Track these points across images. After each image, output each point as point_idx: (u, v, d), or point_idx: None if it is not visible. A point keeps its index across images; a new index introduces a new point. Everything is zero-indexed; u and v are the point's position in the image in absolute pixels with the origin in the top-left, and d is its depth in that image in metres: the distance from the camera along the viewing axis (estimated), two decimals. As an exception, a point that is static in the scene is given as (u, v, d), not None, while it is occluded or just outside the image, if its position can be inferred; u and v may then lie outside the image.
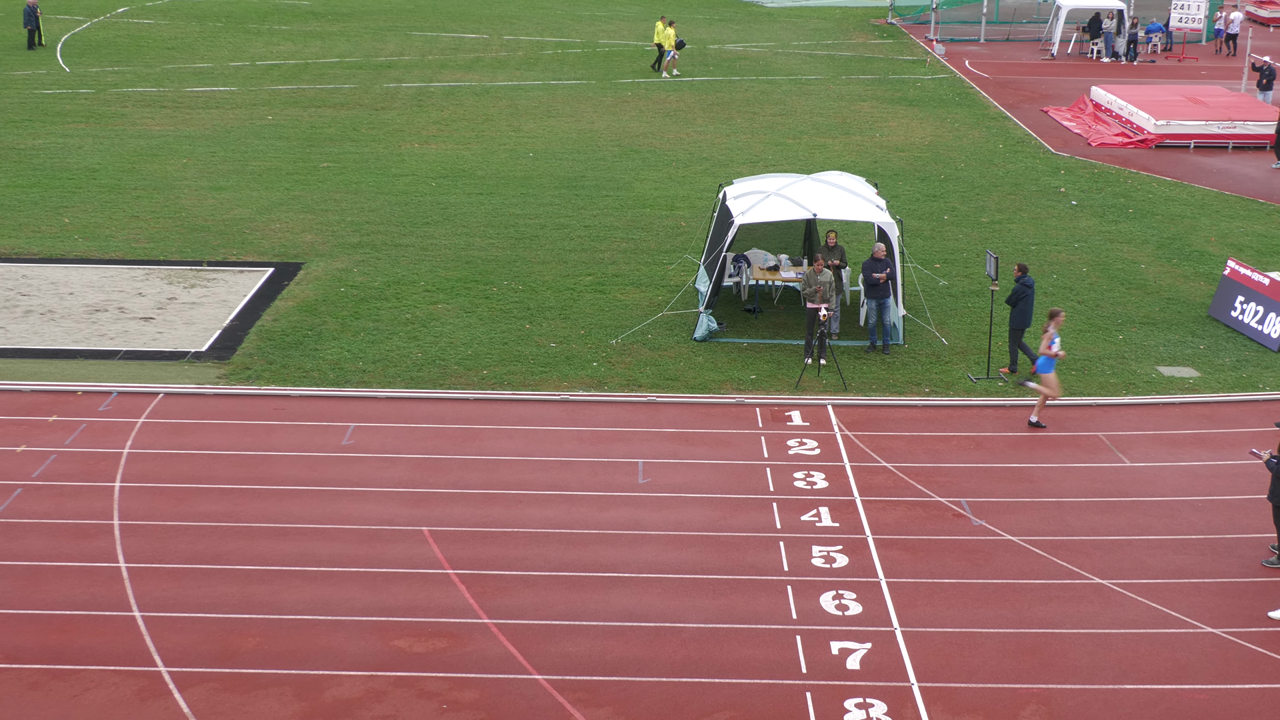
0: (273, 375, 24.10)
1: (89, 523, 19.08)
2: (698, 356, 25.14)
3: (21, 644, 16.26)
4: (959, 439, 22.15)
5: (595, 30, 65.02)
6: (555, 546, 18.65)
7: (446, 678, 15.80)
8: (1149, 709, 15.46)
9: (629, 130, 43.74)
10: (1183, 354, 25.78)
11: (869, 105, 48.30)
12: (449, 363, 24.70)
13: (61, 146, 40.36)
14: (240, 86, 50.01)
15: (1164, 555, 18.73)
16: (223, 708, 15.19)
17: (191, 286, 28.47)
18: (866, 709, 15.36)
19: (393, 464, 20.97)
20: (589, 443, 21.79)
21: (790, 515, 19.64)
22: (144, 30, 62.66)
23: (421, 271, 29.60)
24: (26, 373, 24.10)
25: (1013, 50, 61.87)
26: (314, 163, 38.93)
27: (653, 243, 31.90)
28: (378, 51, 57.97)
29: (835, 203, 26.50)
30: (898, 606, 17.39)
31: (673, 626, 16.86)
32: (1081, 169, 39.70)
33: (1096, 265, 30.82)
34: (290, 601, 17.24)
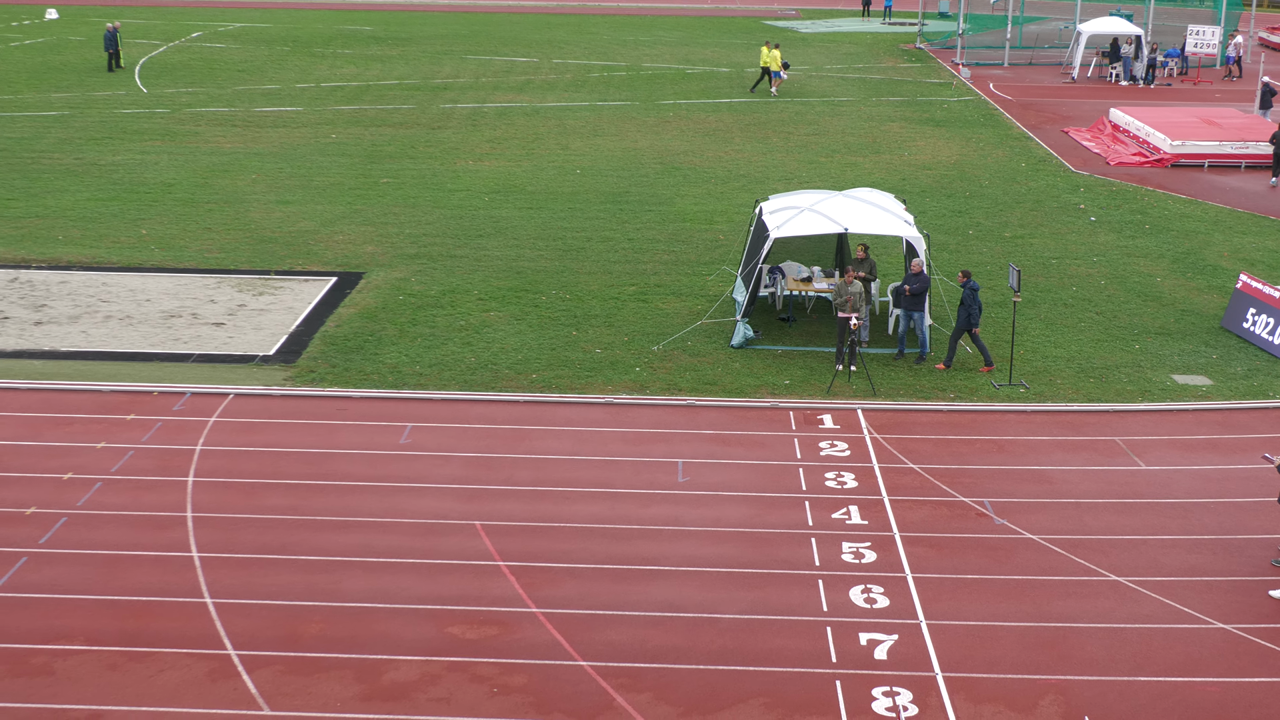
0: (335, 378, 24.24)
1: (164, 514, 19.24)
2: (735, 362, 25.14)
3: (101, 627, 16.42)
4: (982, 442, 22.08)
5: (639, 55, 65.07)
6: (600, 541, 18.70)
7: (497, 663, 15.86)
8: (1162, 700, 15.38)
9: (671, 149, 43.76)
10: (1196, 363, 25.61)
11: (898, 125, 48.16)
12: (500, 367, 24.78)
13: (139, 163, 40.69)
14: (306, 107, 50.31)
15: (1177, 554, 18.62)
16: (288, 689, 15.30)
17: (260, 294, 28.66)
18: (893, 697, 15.33)
19: (447, 462, 21.05)
20: (632, 443, 21.82)
21: (821, 513, 19.62)
22: (216, 54, 63.13)
23: (475, 281, 29.70)
24: (106, 374, 24.32)
25: (1035, 74, 61.55)
26: (374, 178, 39.12)
27: (692, 255, 31.91)
28: (434, 74, 58.20)
29: (865, 218, 26.45)
30: (923, 600, 17.36)
31: (710, 617, 16.87)
32: (1100, 187, 39.47)
33: (1114, 278, 30.65)
34: (351, 590, 17.35)
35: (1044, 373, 24.87)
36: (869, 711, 15.07)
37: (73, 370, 24.37)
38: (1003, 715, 15.04)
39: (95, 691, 15.18)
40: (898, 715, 14.91)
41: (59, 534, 18.62)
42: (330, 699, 15.13)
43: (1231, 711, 15.17)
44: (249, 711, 14.89)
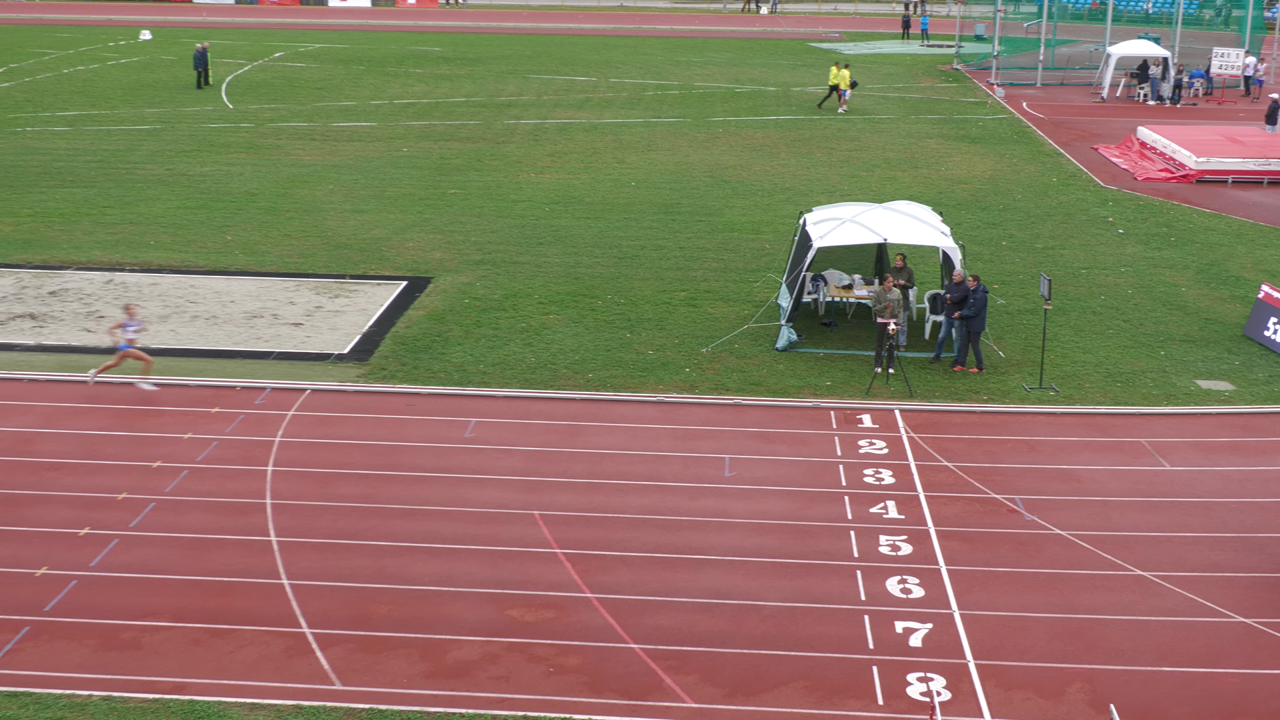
0: (405, 375, 24.34)
1: (245, 501, 19.38)
2: (779, 364, 25.03)
3: (186, 605, 16.55)
4: (1014, 442, 21.88)
5: (691, 74, 65.00)
6: (650, 531, 18.66)
7: (553, 644, 15.86)
8: (1184, 690, 15.18)
9: (720, 163, 43.67)
10: (1219, 369, 25.28)
11: (935, 142, 47.84)
12: (559, 366, 24.80)
13: (225, 174, 41.04)
14: (379, 122, 50.59)
15: (1200, 551, 18.38)
16: (358, 666, 15.36)
17: (336, 296, 28.82)
18: (927, 682, 15.21)
19: (509, 455, 21.08)
20: (681, 439, 21.78)
21: (860, 507, 19.50)
22: (297, 73, 63.60)
23: (535, 286, 29.74)
24: (193, 370, 24.53)
25: (1066, 93, 60.98)
26: (443, 189, 39.27)
27: (740, 263, 31.81)
28: (500, 92, 58.37)
29: (904, 229, 26.29)
30: (956, 591, 17.22)
31: (754, 604, 16.81)
32: (1128, 201, 39.05)
33: (1141, 288, 30.31)
34: (418, 574, 17.40)
35: (1073, 377, 24.62)
36: (904, 696, 14.96)
37: (162, 366, 24.59)
38: (1031, 702, 14.89)
39: (179, 665, 15.30)
40: (931, 700, 14.79)
41: (148, 518, 18.79)
42: (397, 676, 15.18)
43: (1251, 701, 14.95)
44: (322, 686, 14.96)
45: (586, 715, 14.55)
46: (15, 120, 50.09)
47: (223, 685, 14.92)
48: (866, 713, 14.66)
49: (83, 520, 18.66)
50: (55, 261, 31.15)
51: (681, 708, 14.71)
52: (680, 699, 14.86)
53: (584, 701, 14.77)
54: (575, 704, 14.72)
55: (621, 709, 14.66)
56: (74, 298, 28.42)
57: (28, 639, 15.75)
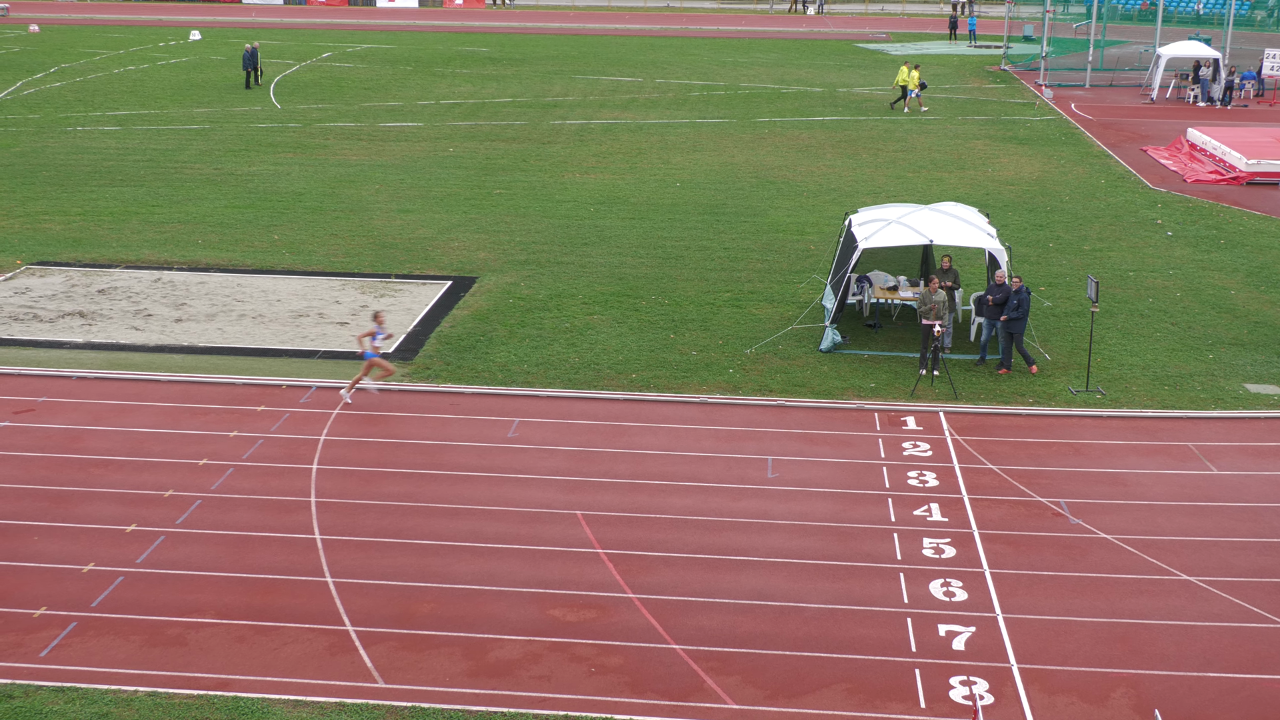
0: (449, 374, 24.43)
1: (290, 499, 19.51)
2: (823, 366, 24.96)
3: (231, 603, 16.69)
4: (1059, 445, 21.72)
5: (737, 75, 64.93)
6: (693, 531, 18.65)
7: (595, 644, 15.88)
8: (1229, 696, 15.02)
9: (765, 163, 43.59)
10: (1269, 373, 24.98)
11: (982, 143, 47.55)
12: (602, 367, 24.82)
13: (273, 173, 41.35)
14: (426, 122, 50.83)
15: (1248, 556, 18.17)
16: (401, 664, 15.44)
17: (381, 296, 28.97)
18: (969, 686, 15.13)
19: (551, 455, 21.13)
20: (724, 440, 21.75)
21: (904, 510, 19.41)
22: (344, 73, 64.01)
23: (580, 286, 29.79)
24: (240, 368, 24.72)
25: (1115, 95, 60.47)
26: (488, 190, 39.40)
27: (784, 264, 31.74)
28: (545, 92, 58.52)
29: (950, 230, 26.14)
30: (1000, 595, 17.10)
31: (796, 606, 16.77)
32: (1177, 203, 38.67)
33: (1189, 290, 30.01)
34: (460, 573, 17.47)
35: (1120, 380, 24.41)
36: (947, 699, 14.89)
37: (209, 364, 24.81)
38: (1075, 706, 14.77)
39: (224, 661, 15.43)
40: (974, 704, 14.70)
41: (194, 515, 18.95)
42: (440, 674, 15.24)
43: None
44: (365, 684, 15.05)
45: (628, 715, 14.57)
46: (66, 120, 50.68)
47: (266, 682, 15.04)
48: (909, 715, 14.59)
49: (129, 517, 18.85)
50: (104, 260, 31.49)
51: (723, 709, 14.70)
52: (722, 700, 14.84)
53: (625, 702, 14.78)
54: (617, 704, 14.74)
55: (663, 709, 14.67)
56: (122, 296, 28.72)
57: (74, 634, 15.93)
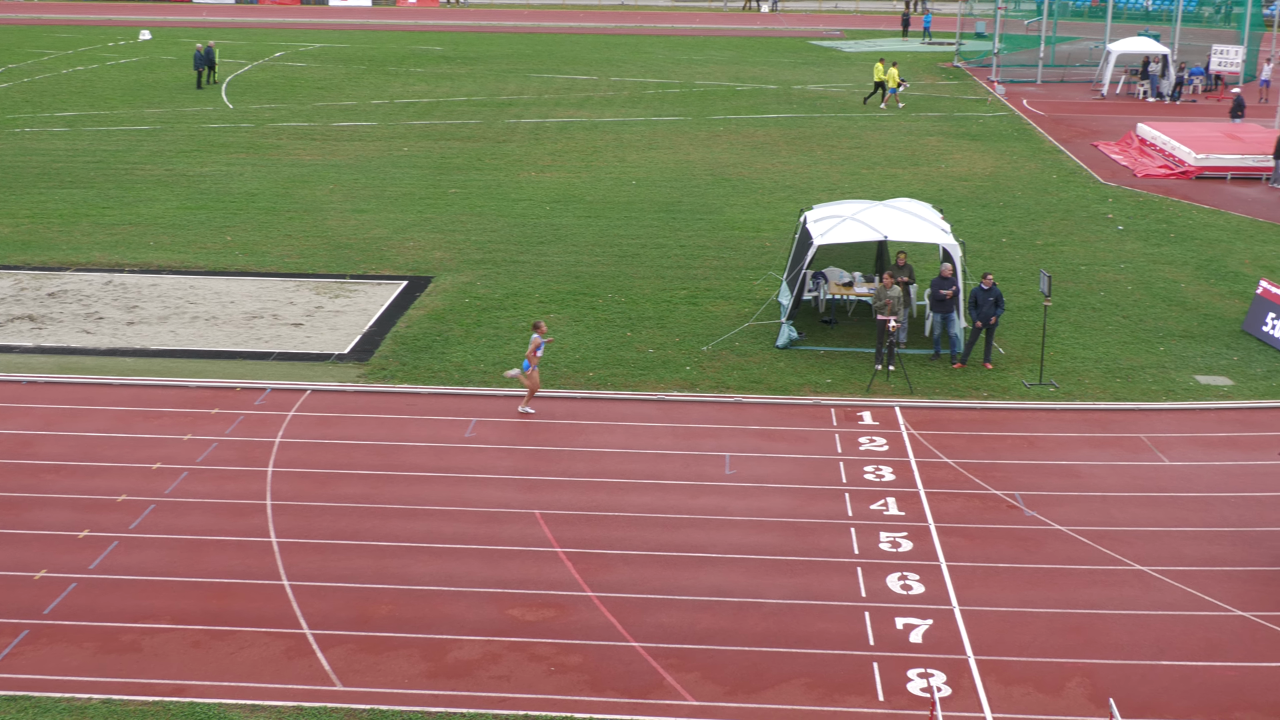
0: (405, 375, 24.35)
1: (245, 502, 19.39)
2: (779, 362, 25.04)
3: (186, 607, 16.56)
4: (1013, 438, 21.88)
5: (692, 73, 65.00)
6: (651, 529, 18.67)
7: (554, 643, 15.87)
8: (1183, 683, 15.19)
9: (721, 161, 43.68)
10: (1218, 364, 25.28)
11: (936, 139, 47.84)
12: (559, 365, 24.80)
13: (225, 174, 41.07)
14: (380, 122, 50.62)
15: (1199, 545, 18.38)
16: (359, 666, 15.37)
17: (336, 297, 28.84)
18: (927, 678, 15.22)
19: (509, 454, 21.10)
20: (682, 438, 21.79)
21: (860, 504, 19.51)
22: (297, 72, 63.63)
23: (536, 285, 29.75)
24: (193, 370, 24.54)
25: (1066, 91, 60.97)
26: (443, 189, 39.29)
27: (741, 261, 31.82)
28: (500, 91, 58.39)
29: (904, 226, 26.28)
30: (956, 587, 17.22)
31: (755, 602, 16.82)
32: (1128, 197, 39.04)
33: (1140, 284, 30.30)
34: (418, 574, 17.41)
35: (1073, 373, 24.63)
36: (904, 692, 14.97)
37: (162, 367, 24.62)
38: (1032, 697, 14.89)
39: (179, 667, 15.31)
40: (932, 696, 14.79)
41: (148, 520, 18.80)
42: (398, 676, 15.19)
43: (1249, 694, 14.96)
44: (322, 687, 14.97)
45: (588, 714, 14.56)
46: (14, 121, 50.13)
47: (223, 687, 14.93)
48: (867, 709, 14.67)
49: (82, 523, 18.67)
50: (54, 263, 31.17)
51: (683, 705, 14.72)
52: (681, 697, 14.87)
53: (585, 700, 14.78)
54: (576, 703, 14.74)
55: (622, 707, 14.67)
56: (73, 299, 28.44)
57: (27, 642, 15.77)
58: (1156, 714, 14.63)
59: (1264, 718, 14.58)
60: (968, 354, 24.90)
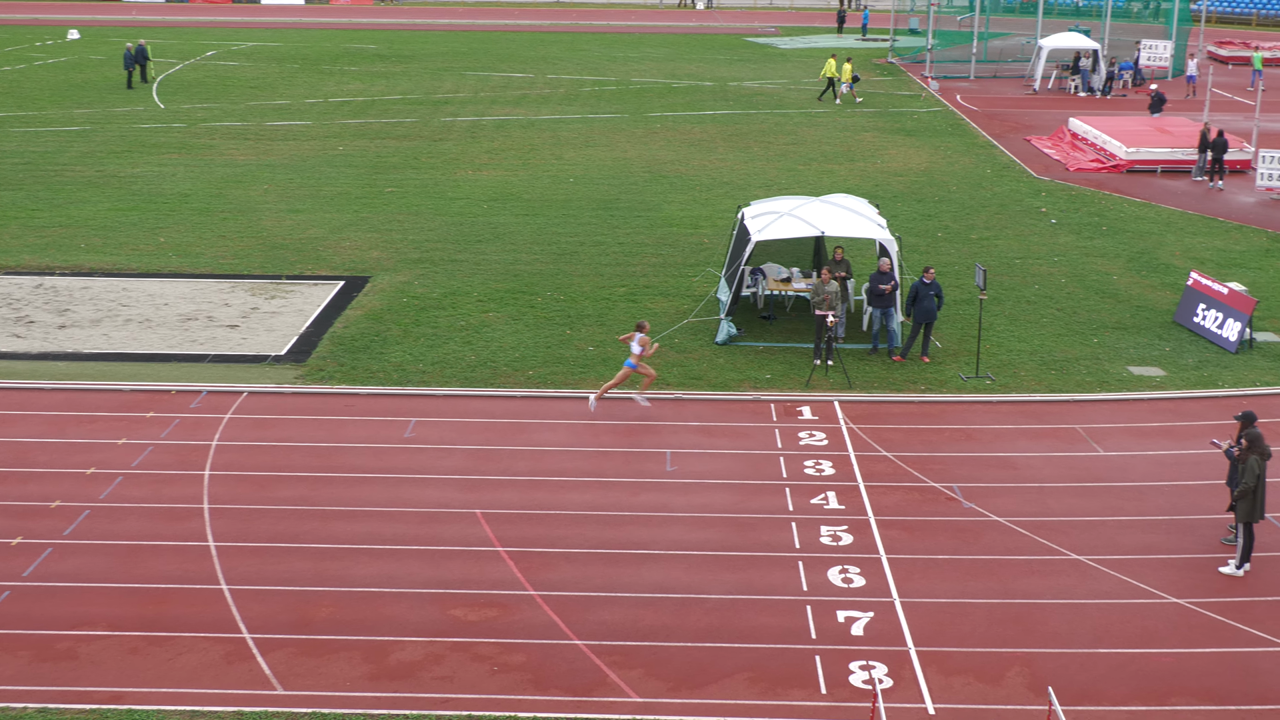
0: (344, 376, 24.19)
1: (182, 506, 19.18)
2: (719, 358, 25.11)
3: (122, 614, 16.37)
4: (951, 431, 22.08)
5: (628, 70, 65.00)
6: (593, 527, 18.67)
7: (497, 643, 15.84)
8: (1119, 670, 15.40)
9: (658, 158, 43.72)
10: (1150, 355, 25.64)
11: (871, 135, 48.16)
12: (499, 364, 24.74)
13: (157, 174, 40.57)
14: (314, 121, 50.21)
15: (1134, 534, 18.64)
16: (300, 670, 15.26)
17: (272, 298, 28.59)
18: (869, 670, 15.33)
19: (449, 454, 21.02)
20: (622, 435, 21.80)
21: (801, 499, 19.61)
22: (230, 71, 62.97)
23: (474, 284, 29.65)
24: (127, 374, 24.24)
25: (999, 86, 61.56)
26: (379, 188, 39.04)
27: (679, 258, 31.88)
28: (436, 89, 58.10)
29: (841, 221, 26.44)
30: (897, 580, 17.36)
31: (697, 597, 16.86)
32: (1060, 191, 39.50)
33: (1074, 277, 30.67)
34: (359, 576, 17.31)
35: (1008, 365, 24.89)
36: (847, 684, 15.07)
37: (95, 371, 24.29)
38: (972, 687, 15.04)
39: (117, 674, 15.13)
40: (874, 688, 14.90)
41: (82, 526, 18.55)
42: (340, 679, 15.09)
43: (1184, 680, 15.20)
44: (263, 691, 14.85)
45: (531, 713, 14.55)
46: (-59, 124, 49.23)
47: (162, 694, 14.78)
48: (810, 702, 14.76)
49: (15, 529, 18.39)
50: (-16, 267, 30.67)
51: (626, 702, 14.73)
52: (625, 694, 14.88)
53: (529, 699, 14.77)
54: (520, 702, 14.72)
55: (566, 705, 14.67)
56: (2, 303, 27.99)
57: (-39, 650, 15.52)
58: (1094, 701, 14.83)
59: (1200, 703, 14.82)
60: (907, 348, 25.10)
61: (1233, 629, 16.26)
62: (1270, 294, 29.08)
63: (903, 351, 25.07)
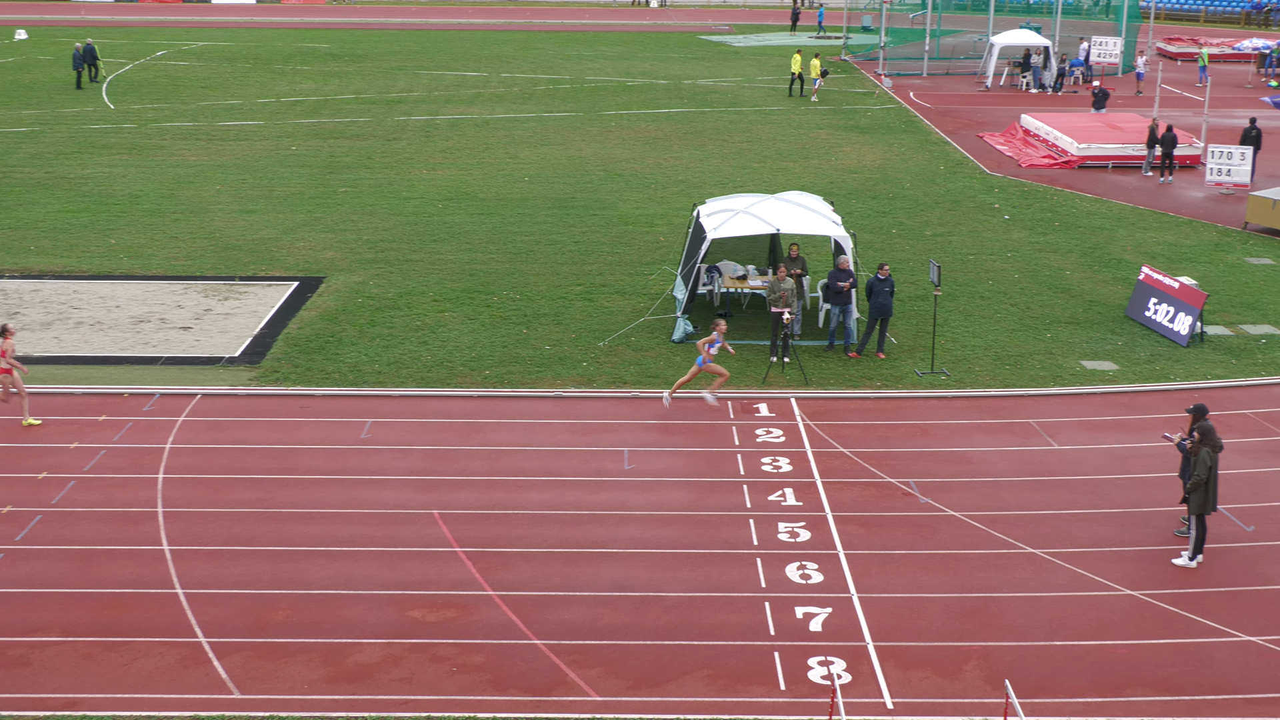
0: (298, 377, 24.04)
1: (135, 510, 19.01)
2: (676, 356, 25.13)
3: (77, 620, 16.20)
4: (907, 426, 22.19)
5: (583, 68, 64.95)
6: (551, 526, 18.64)
7: (456, 644, 15.79)
8: (1076, 662, 15.53)
9: (613, 156, 43.70)
10: (1103, 350, 25.86)
11: (825, 132, 48.33)
12: (455, 364, 24.66)
13: (108, 176, 40.19)
14: (267, 121, 49.87)
15: (1088, 527, 18.80)
16: (257, 674, 15.15)
17: (225, 299, 28.38)
18: (827, 666, 15.39)
19: (406, 455, 20.93)
20: (580, 434, 21.78)
21: (759, 495, 19.65)
22: (181, 71, 62.44)
23: (430, 283, 29.54)
24: (79, 377, 24.00)
25: (952, 83, 61.94)
26: (333, 188, 38.83)
27: (635, 256, 31.88)
28: (389, 89, 57.84)
29: (796, 219, 26.52)
30: (854, 575, 17.43)
31: (656, 595, 16.87)
32: (1013, 187, 39.78)
33: (1027, 272, 30.90)
34: (316, 578, 17.21)
35: (963, 361, 25.04)
36: (805, 680, 15.12)
37: (46, 374, 24.02)
38: (930, 681, 15.12)
39: (71, 680, 14.97)
40: (832, 683, 14.95)
41: (34, 531, 18.35)
42: (298, 682, 15.00)
43: (1140, 671, 15.34)
44: (220, 695, 14.74)
45: (491, 714, 14.51)
46: (-114, 125, 48.57)
47: (117, 699, 14.63)
48: (769, 698, 14.79)
49: (-34, 535, 18.17)
50: (-69, 270, 30.28)
51: (586, 701, 14.72)
52: (585, 693, 14.87)
53: (488, 700, 14.73)
54: (479, 703, 14.68)
55: (526, 705, 14.64)
56: (-48, 307, 27.67)
57: (-89, 659, 15.32)
58: (1051, 694, 14.94)
59: (1154, 693, 14.97)
60: (862, 344, 25.21)
61: (1186, 620, 16.43)
62: (1220, 288, 29.42)
63: (858, 348, 25.18)
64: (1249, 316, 27.72)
